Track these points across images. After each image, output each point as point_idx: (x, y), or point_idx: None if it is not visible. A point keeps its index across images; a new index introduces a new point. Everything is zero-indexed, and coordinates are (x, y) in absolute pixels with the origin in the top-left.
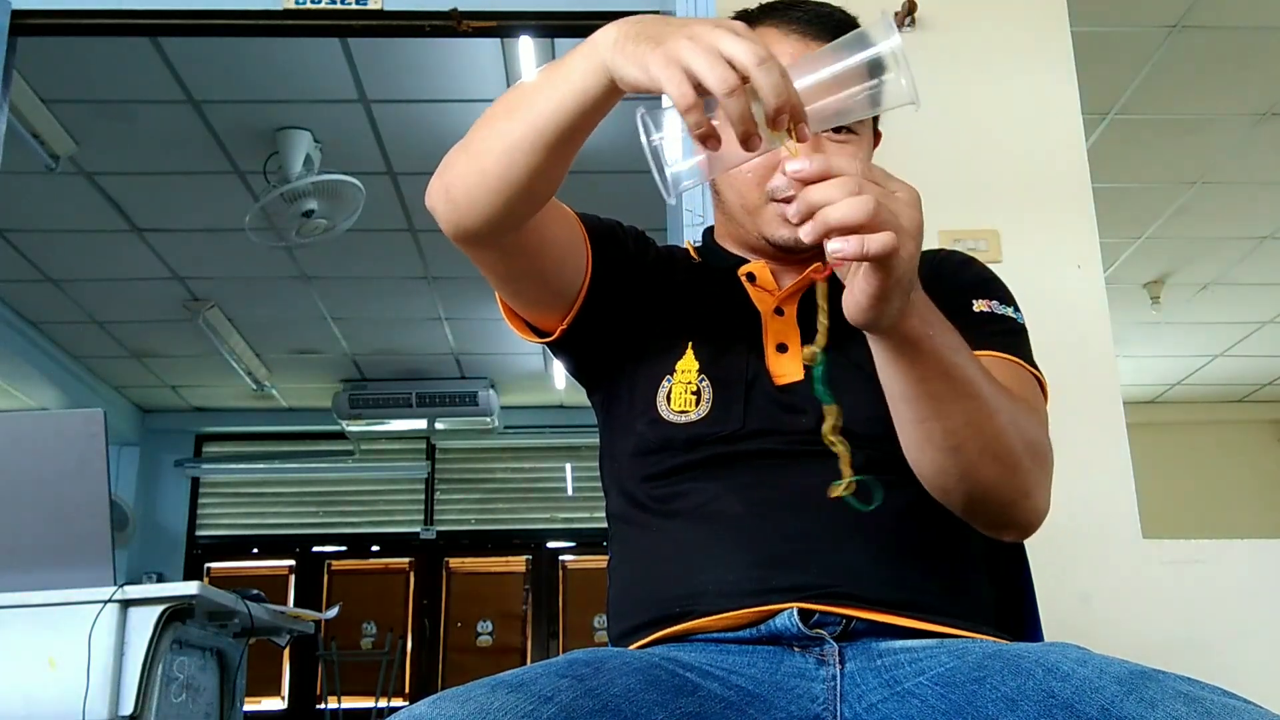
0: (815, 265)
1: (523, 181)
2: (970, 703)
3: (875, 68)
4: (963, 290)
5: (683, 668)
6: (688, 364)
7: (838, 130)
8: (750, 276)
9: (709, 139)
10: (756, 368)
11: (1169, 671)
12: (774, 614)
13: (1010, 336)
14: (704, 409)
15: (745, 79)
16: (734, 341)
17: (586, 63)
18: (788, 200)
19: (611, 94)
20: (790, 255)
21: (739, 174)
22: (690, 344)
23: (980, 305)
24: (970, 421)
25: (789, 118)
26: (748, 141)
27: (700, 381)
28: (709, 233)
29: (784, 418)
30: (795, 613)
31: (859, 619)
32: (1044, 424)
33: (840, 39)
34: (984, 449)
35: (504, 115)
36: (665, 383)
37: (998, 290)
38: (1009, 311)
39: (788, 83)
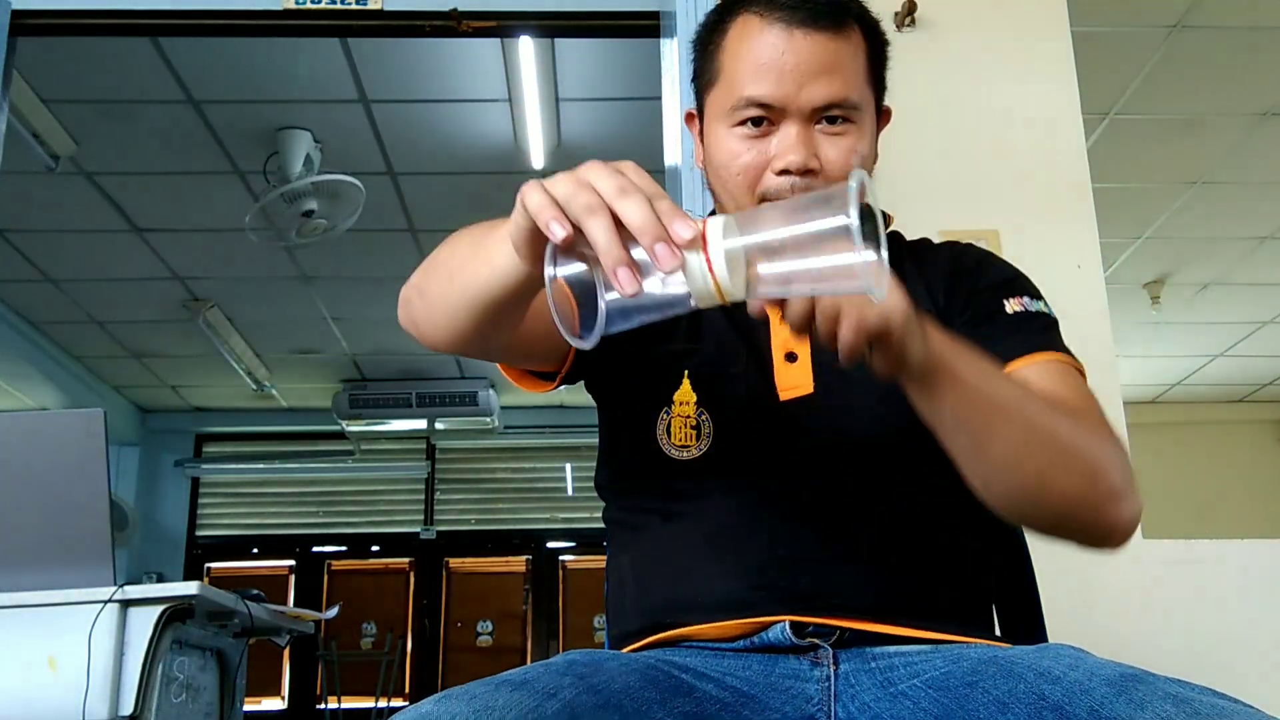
0: None
1: (479, 335)
2: (962, 706)
3: (828, 238)
4: (992, 290)
5: (679, 669)
6: (685, 395)
7: (831, 121)
8: None
9: (557, 223)
10: (761, 385)
11: (1160, 674)
12: (766, 626)
13: (1049, 333)
14: (705, 444)
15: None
16: (736, 354)
17: (502, 242)
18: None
19: (526, 270)
20: None
21: (729, 176)
22: (687, 371)
23: (1013, 305)
24: (1028, 439)
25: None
26: (617, 275)
27: (700, 416)
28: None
29: (788, 441)
30: (787, 625)
31: (852, 629)
32: (1106, 426)
33: (815, 194)
34: (1052, 462)
35: (449, 270)
36: (664, 415)
37: (1025, 285)
38: (1040, 306)
39: (655, 214)
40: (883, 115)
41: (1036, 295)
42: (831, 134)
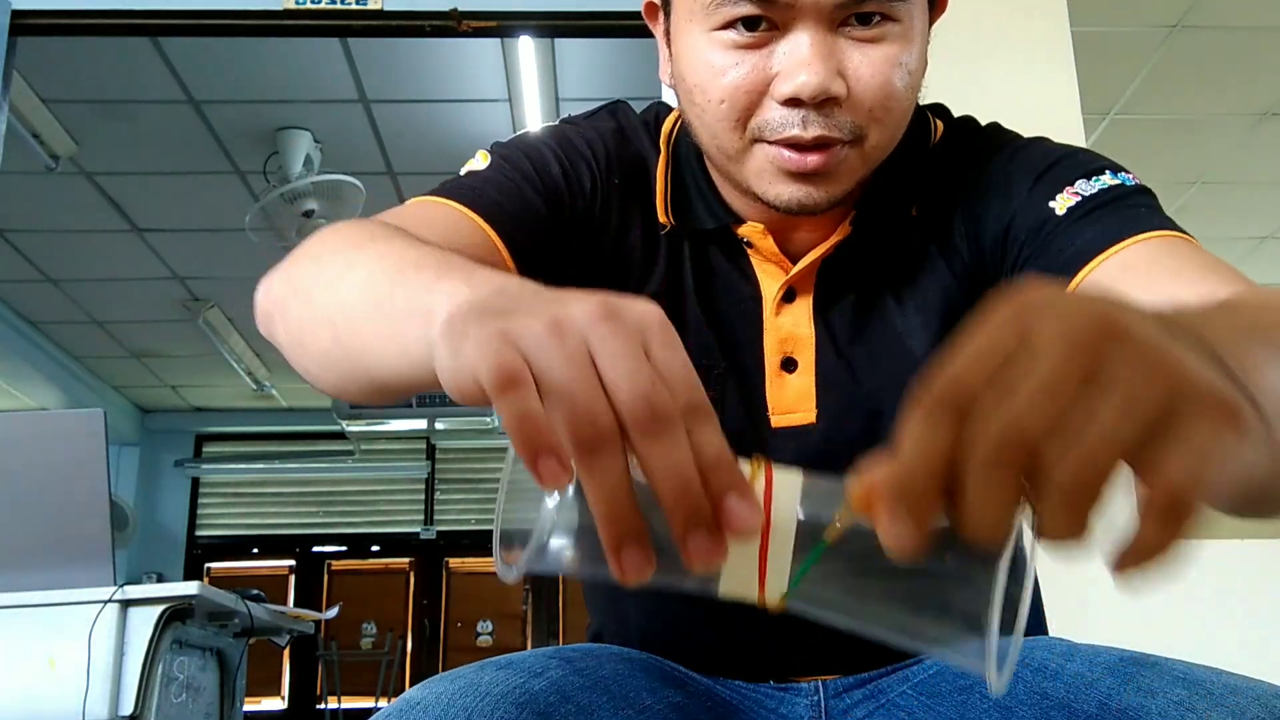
0: (842, 227)
1: (365, 399)
2: (961, 714)
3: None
4: (1029, 199)
5: (669, 665)
6: None
7: (864, 20)
8: (746, 244)
9: (548, 463)
10: (743, 412)
11: (1158, 655)
12: (751, 681)
13: (1129, 206)
14: None
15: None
16: (712, 369)
17: (421, 333)
18: (792, 144)
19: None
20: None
21: (709, 104)
22: None
23: (1064, 199)
24: None
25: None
26: (620, 555)
27: None
28: (688, 143)
29: None
30: (772, 683)
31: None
32: None
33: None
34: None
35: (333, 329)
36: None
37: (1077, 163)
38: (1104, 180)
39: (698, 470)
40: (937, 6)
41: (1098, 168)
42: (864, 40)
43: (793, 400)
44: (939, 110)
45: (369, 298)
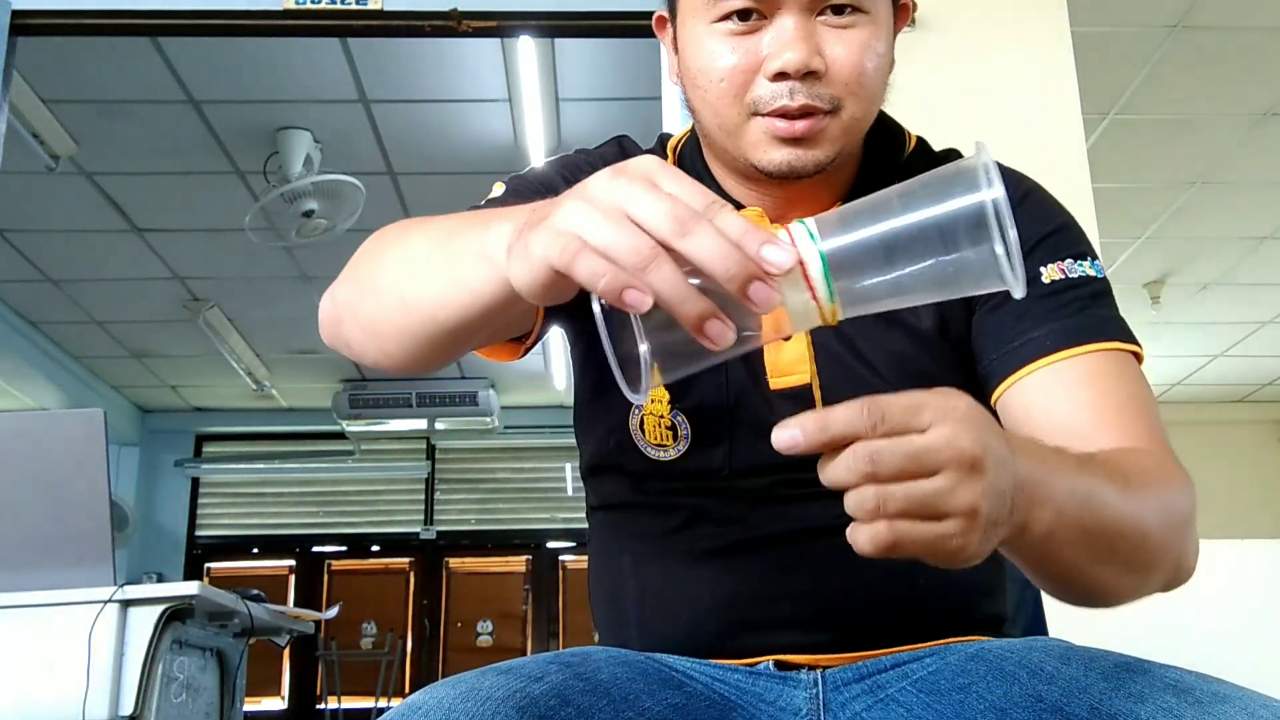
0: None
1: (442, 357)
2: (958, 714)
3: (953, 229)
4: (1031, 252)
5: (667, 667)
6: (656, 391)
7: (839, 11)
8: None
9: (630, 294)
10: (747, 373)
11: (1154, 661)
12: (752, 665)
13: (1095, 310)
14: (682, 445)
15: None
16: None
17: (484, 266)
18: (781, 114)
19: (520, 299)
20: (790, 183)
21: (710, 84)
22: (657, 364)
23: (1051, 272)
24: (1119, 561)
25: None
26: (705, 330)
27: (674, 416)
28: (692, 148)
29: (775, 454)
30: (771, 664)
31: (838, 664)
32: (1172, 468)
33: (907, 184)
34: (1131, 567)
35: (399, 295)
36: (635, 411)
37: (1069, 239)
38: (1085, 269)
39: (731, 243)
40: (900, 11)
41: (1082, 252)
42: (839, 27)
43: (789, 364)
44: (918, 136)
45: (430, 260)
